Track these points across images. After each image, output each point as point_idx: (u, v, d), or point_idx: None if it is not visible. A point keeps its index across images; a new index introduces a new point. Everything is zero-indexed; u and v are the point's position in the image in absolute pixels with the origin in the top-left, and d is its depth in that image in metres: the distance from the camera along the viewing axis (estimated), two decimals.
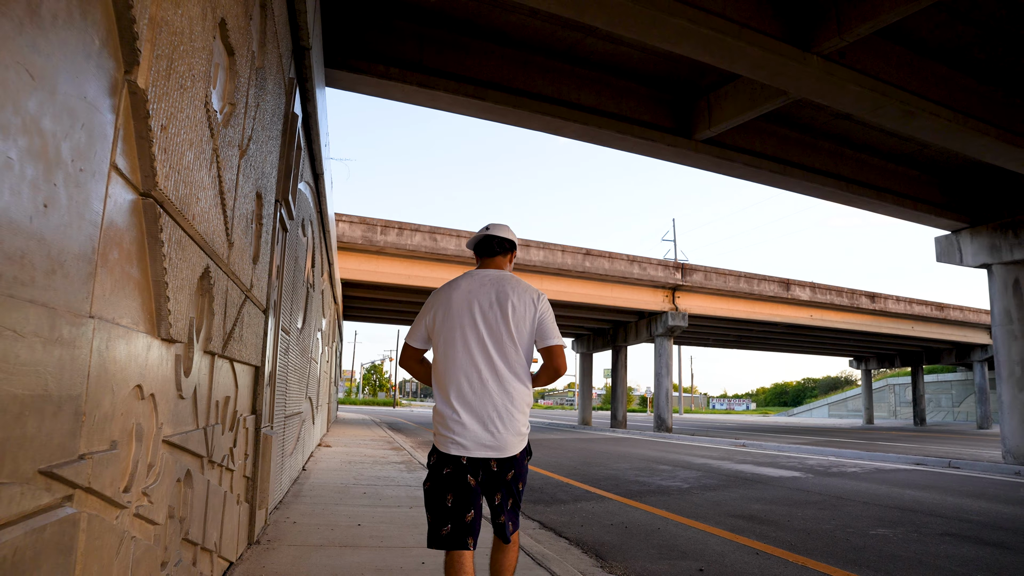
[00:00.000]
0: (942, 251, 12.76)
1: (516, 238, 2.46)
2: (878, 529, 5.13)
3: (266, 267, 3.67)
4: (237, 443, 3.11)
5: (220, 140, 2.24)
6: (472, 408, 2.15)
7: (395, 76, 7.04)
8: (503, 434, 2.15)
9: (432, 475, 2.19)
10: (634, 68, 8.50)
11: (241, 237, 2.78)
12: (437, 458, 2.20)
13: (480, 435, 2.13)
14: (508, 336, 2.21)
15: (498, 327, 2.20)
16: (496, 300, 2.23)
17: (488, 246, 2.40)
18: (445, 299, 2.27)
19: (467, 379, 2.17)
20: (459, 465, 2.14)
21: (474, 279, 2.30)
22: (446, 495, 2.13)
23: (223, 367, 2.71)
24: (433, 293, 2.35)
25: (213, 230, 2.21)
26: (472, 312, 2.21)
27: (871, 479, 8.77)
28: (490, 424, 2.14)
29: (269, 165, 3.53)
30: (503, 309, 2.22)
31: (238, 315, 2.86)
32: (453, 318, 2.22)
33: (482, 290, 2.25)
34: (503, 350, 2.20)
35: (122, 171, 1.42)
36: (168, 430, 1.88)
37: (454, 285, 2.31)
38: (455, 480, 2.13)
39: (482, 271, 2.34)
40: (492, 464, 2.16)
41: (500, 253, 2.41)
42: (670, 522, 5.41)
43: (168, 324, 1.75)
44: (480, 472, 2.16)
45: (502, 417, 2.16)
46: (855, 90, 6.94)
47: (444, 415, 2.18)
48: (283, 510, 4.81)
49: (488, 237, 2.40)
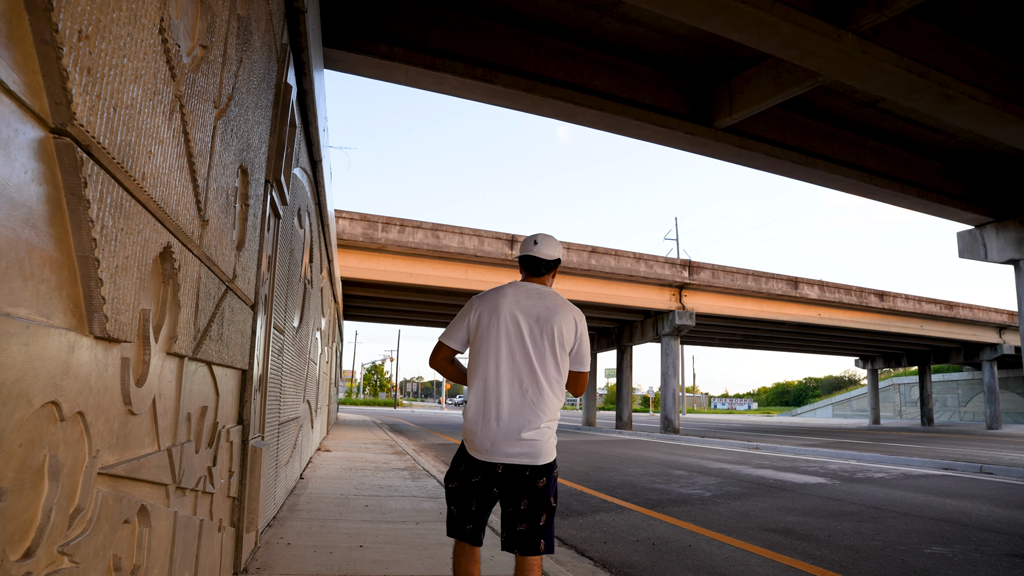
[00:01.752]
0: (965, 246, 12.28)
1: (562, 252, 2.48)
2: (933, 547, 4.65)
3: (254, 256, 3.21)
4: (218, 460, 2.64)
5: (187, 88, 1.78)
6: (511, 416, 2.17)
7: (398, 57, 6.57)
8: (539, 442, 2.18)
9: (460, 479, 2.25)
10: (651, 52, 8.03)
11: (219, 216, 2.32)
12: (467, 464, 2.23)
13: (516, 442, 2.16)
14: (551, 352, 2.25)
15: (542, 342, 2.24)
16: (543, 316, 2.27)
17: (535, 267, 2.41)
18: (491, 304, 2.29)
19: (508, 387, 2.20)
20: (491, 474, 2.18)
21: (521, 290, 2.33)
22: (471, 500, 2.21)
23: (197, 372, 2.24)
24: (476, 296, 2.36)
25: (177, 200, 1.75)
26: (519, 323, 2.25)
27: (902, 486, 8.30)
28: (526, 432, 2.17)
29: (257, 138, 3.07)
30: (549, 325, 2.25)
31: (216, 309, 2.40)
32: (500, 325, 2.25)
33: (529, 302, 2.29)
34: (544, 364, 2.23)
35: (11, 89, 0.96)
36: (109, 457, 1.42)
37: (501, 292, 2.32)
38: (483, 489, 2.20)
39: (528, 284, 2.37)
40: (525, 471, 2.18)
41: (546, 272, 2.44)
42: (701, 538, 4.95)
43: (103, 317, 1.28)
44: (511, 478, 2.18)
45: (538, 426, 2.19)
46: (891, 71, 6.47)
47: (480, 420, 2.20)
48: (277, 528, 4.35)
49: (536, 259, 2.40)
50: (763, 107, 7.95)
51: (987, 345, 33.42)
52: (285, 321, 4.87)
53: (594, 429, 25.40)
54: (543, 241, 2.41)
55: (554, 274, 2.47)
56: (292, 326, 5.43)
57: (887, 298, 27.15)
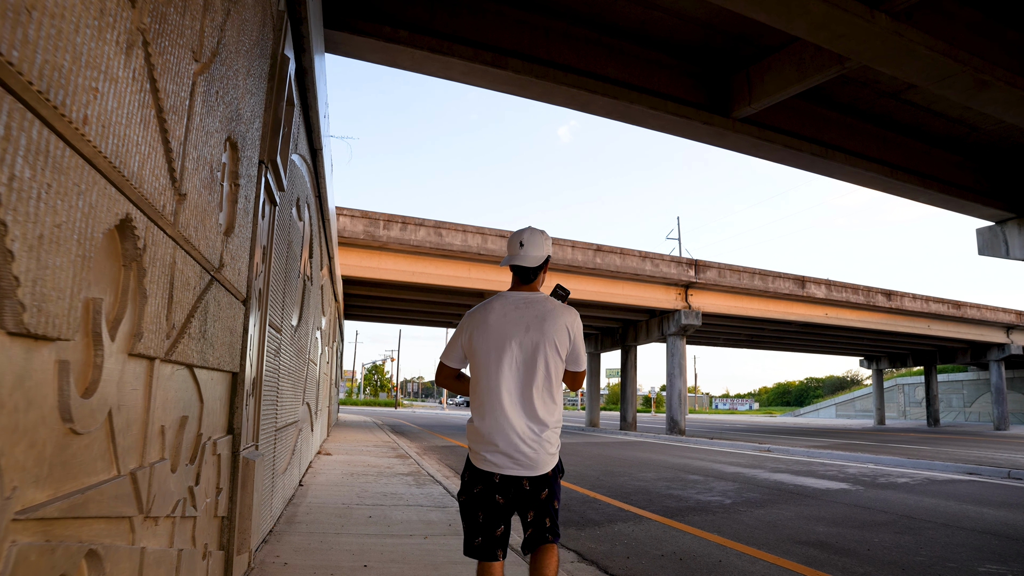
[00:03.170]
0: (985, 243, 11.91)
1: (550, 247, 2.42)
2: (987, 565, 4.28)
3: (246, 244, 2.85)
4: (202, 478, 2.28)
5: (154, 22, 1.42)
6: (507, 428, 2.18)
7: (404, 40, 6.21)
8: (537, 453, 2.20)
9: (465, 490, 2.28)
10: (666, 38, 7.66)
11: (201, 192, 1.96)
12: (471, 475, 2.27)
13: (513, 454, 2.17)
14: (543, 360, 2.24)
15: (533, 350, 2.23)
16: (532, 324, 2.25)
17: (524, 274, 2.38)
18: (481, 321, 2.29)
19: (502, 400, 2.20)
20: (490, 484, 2.20)
21: (508, 302, 2.31)
22: (477, 512, 2.23)
23: (174, 377, 1.89)
24: (467, 314, 2.37)
25: (141, 162, 1.39)
26: (509, 336, 2.24)
27: (930, 492, 7.93)
28: (523, 445, 2.18)
29: (249, 110, 2.71)
30: (540, 332, 2.24)
31: (198, 303, 2.04)
32: (490, 340, 2.25)
33: (517, 313, 2.28)
34: (538, 373, 2.23)
35: None
36: (37, 495, 1.06)
37: (488, 308, 2.31)
38: (485, 499, 2.22)
39: (515, 293, 2.35)
40: (524, 483, 2.20)
41: (536, 276, 2.40)
42: (730, 551, 4.58)
43: (18, 305, 0.93)
44: (512, 490, 2.20)
45: (536, 438, 2.20)
46: (924, 54, 6.10)
47: (480, 433, 2.22)
48: (273, 544, 3.99)
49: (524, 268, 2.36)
50: (785, 95, 7.59)
51: (995, 345, 33.04)
52: (282, 319, 4.51)
53: (598, 430, 25.04)
54: (529, 242, 2.36)
55: (545, 271, 2.43)
56: (290, 325, 5.08)
57: (895, 297, 26.79)
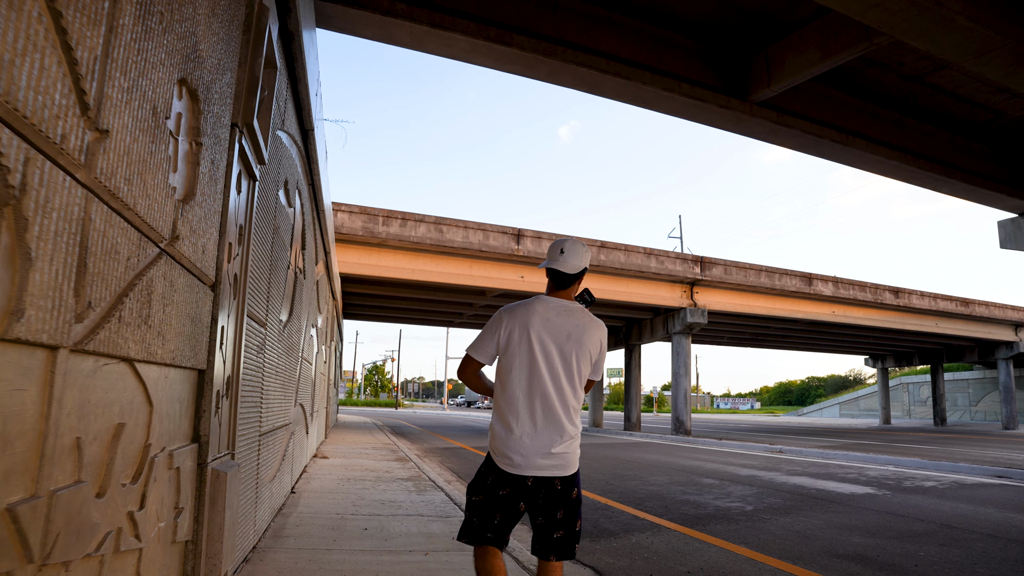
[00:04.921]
0: (1007, 235, 11.46)
1: (588, 260, 2.43)
2: None
3: (215, 218, 2.41)
4: (150, 499, 1.84)
5: None
6: (542, 430, 2.20)
7: (401, 13, 5.77)
8: (568, 454, 2.23)
9: (487, 492, 2.24)
10: (681, 16, 7.22)
11: (136, 136, 1.52)
12: (496, 477, 2.23)
13: (548, 455, 2.19)
14: (578, 368, 2.29)
15: (571, 358, 2.27)
16: (573, 333, 2.29)
17: (562, 280, 2.40)
18: (522, 320, 2.29)
19: (539, 402, 2.22)
20: (521, 487, 2.19)
21: (550, 307, 2.33)
22: (495, 514, 2.21)
23: (101, 373, 1.44)
24: (504, 310, 2.35)
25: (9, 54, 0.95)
26: (549, 341, 2.26)
27: (963, 498, 7.49)
28: (555, 445, 2.20)
29: (214, 55, 2.27)
30: (579, 343, 2.29)
31: (138, 279, 1.60)
32: (532, 341, 2.26)
33: (559, 320, 2.30)
34: (572, 380, 2.28)
35: None
36: None
37: (530, 309, 2.31)
38: (510, 502, 2.21)
39: (556, 300, 2.36)
40: (556, 483, 2.21)
41: (572, 284, 2.41)
42: (764, 568, 4.14)
43: None
44: (543, 491, 2.20)
45: (564, 439, 2.22)
46: (964, 25, 5.66)
47: (512, 435, 2.20)
48: (255, 563, 3.55)
49: (562, 274, 2.38)
50: (807, 76, 7.14)
51: (1003, 343, 32.58)
52: (268, 311, 4.07)
53: (602, 431, 24.61)
54: (570, 251, 2.36)
55: (580, 282, 2.45)
56: (278, 319, 4.64)
57: (902, 295, 26.34)
